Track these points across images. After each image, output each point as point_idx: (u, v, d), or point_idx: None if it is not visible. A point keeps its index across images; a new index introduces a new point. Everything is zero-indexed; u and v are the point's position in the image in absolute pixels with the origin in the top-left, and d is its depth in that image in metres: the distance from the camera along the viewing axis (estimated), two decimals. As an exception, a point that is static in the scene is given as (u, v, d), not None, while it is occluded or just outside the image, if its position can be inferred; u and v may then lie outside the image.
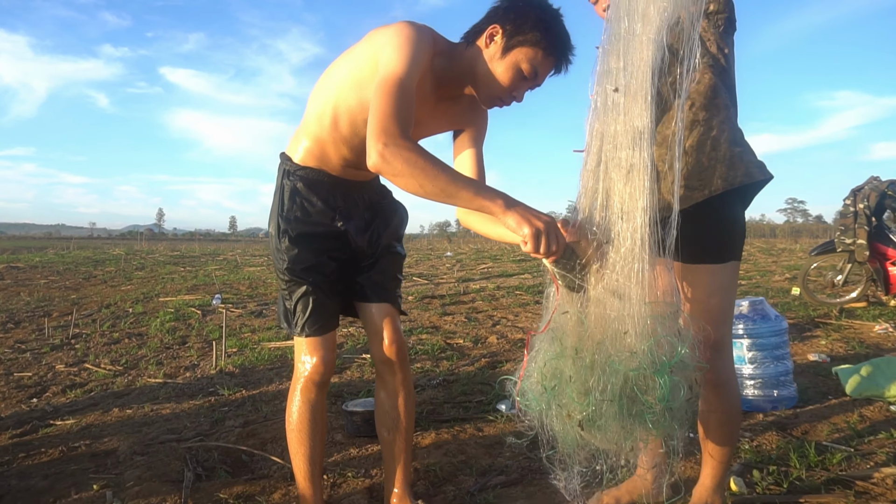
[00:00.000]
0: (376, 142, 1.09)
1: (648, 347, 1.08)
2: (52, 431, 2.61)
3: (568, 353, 1.17)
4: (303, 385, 1.44)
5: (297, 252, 1.43)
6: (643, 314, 1.11)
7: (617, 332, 1.13)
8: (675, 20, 1.20)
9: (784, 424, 2.21)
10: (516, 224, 1.06)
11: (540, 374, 1.21)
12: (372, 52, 1.27)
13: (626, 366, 1.08)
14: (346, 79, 1.34)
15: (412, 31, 1.25)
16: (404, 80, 1.17)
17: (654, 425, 1.04)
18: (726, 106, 1.42)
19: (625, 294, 1.13)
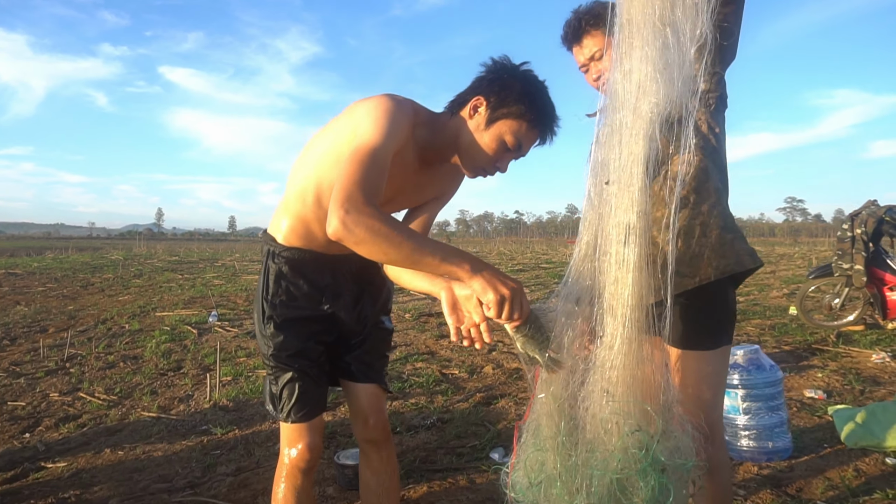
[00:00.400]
0: (339, 209, 1.06)
1: (635, 447, 1.07)
2: (42, 476, 2.59)
3: (548, 446, 1.16)
4: (288, 472, 1.43)
5: (283, 338, 1.41)
6: (630, 412, 1.10)
7: (603, 430, 1.12)
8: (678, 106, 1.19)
9: (778, 480, 2.20)
10: (482, 289, 1.07)
11: (525, 468, 1.19)
12: (352, 126, 1.25)
13: (611, 467, 1.07)
14: (327, 154, 1.32)
15: (391, 105, 1.23)
16: (377, 151, 1.15)
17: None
18: (717, 189, 1.40)
19: (610, 391, 1.12)
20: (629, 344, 1.06)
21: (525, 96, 1.25)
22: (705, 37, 1.15)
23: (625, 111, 1.17)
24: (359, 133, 1.19)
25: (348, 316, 1.50)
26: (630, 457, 1.01)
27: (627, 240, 1.12)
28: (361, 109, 1.25)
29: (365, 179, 1.10)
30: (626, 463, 1.01)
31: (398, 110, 1.23)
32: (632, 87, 1.16)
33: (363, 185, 1.09)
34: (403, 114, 1.24)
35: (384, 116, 1.20)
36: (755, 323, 5.53)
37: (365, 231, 1.05)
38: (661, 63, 1.14)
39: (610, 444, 1.04)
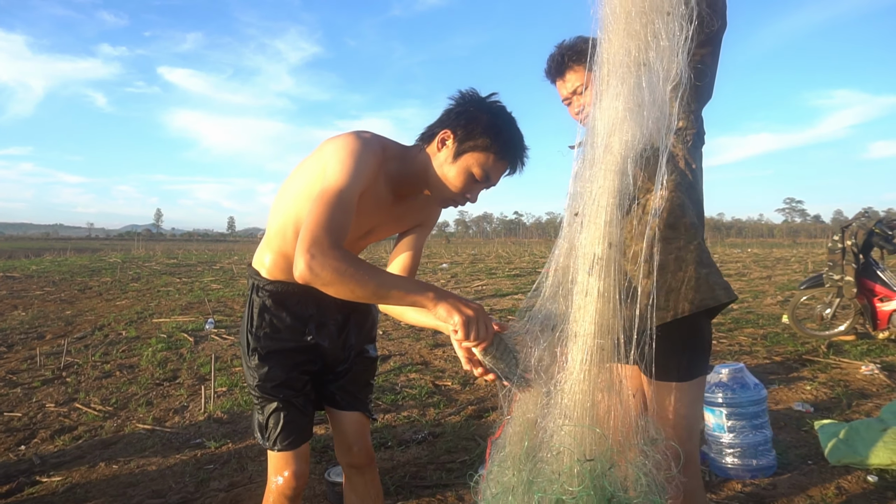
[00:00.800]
0: (304, 253, 1.09)
1: (582, 468, 1.10)
2: (37, 491, 2.62)
3: (509, 463, 1.20)
4: (275, 498, 1.46)
5: (267, 370, 1.45)
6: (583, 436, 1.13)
7: (548, 447, 1.15)
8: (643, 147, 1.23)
9: (761, 497, 2.24)
10: (447, 314, 1.12)
11: (489, 481, 1.23)
12: (321, 165, 1.28)
13: (554, 489, 1.10)
14: (301, 192, 1.35)
15: (357, 144, 1.26)
16: (343, 192, 1.18)
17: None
18: (693, 224, 1.44)
19: (561, 409, 1.16)
20: (588, 370, 1.10)
21: (491, 129, 1.28)
22: (680, 77, 1.19)
23: (598, 146, 1.20)
24: (326, 174, 1.23)
25: (332, 344, 1.53)
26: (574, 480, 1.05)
27: (592, 270, 1.16)
28: (329, 149, 1.28)
29: (330, 222, 1.13)
30: (567, 487, 1.05)
31: (364, 150, 1.26)
32: (605, 124, 1.20)
33: (328, 229, 1.12)
34: (370, 152, 1.27)
35: (350, 157, 1.23)
36: (748, 332, 5.57)
37: (331, 273, 1.09)
38: (634, 102, 1.18)
39: (558, 465, 1.07)
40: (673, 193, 1.43)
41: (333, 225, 1.13)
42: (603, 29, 1.20)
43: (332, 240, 1.11)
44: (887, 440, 2.41)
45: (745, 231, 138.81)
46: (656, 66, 1.18)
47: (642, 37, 1.18)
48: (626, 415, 1.18)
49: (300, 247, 1.10)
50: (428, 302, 1.13)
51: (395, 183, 1.39)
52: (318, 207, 1.15)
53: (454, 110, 1.32)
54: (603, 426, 1.13)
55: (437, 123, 1.34)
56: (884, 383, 3.74)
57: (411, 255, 1.49)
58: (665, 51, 1.18)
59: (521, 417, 1.19)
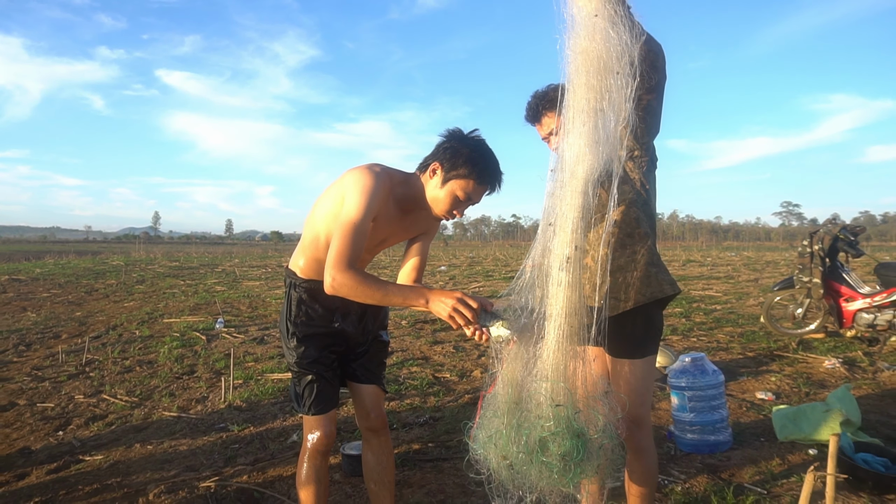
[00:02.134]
0: (328, 274, 1.54)
1: (556, 411, 1.46)
2: (83, 468, 2.96)
3: (500, 411, 1.55)
4: (309, 454, 1.82)
5: (304, 349, 1.81)
6: (555, 387, 1.49)
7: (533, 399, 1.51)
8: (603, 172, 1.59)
9: (716, 467, 2.60)
10: (438, 310, 1.51)
11: (483, 426, 1.59)
12: (341, 194, 1.67)
13: (536, 429, 1.46)
14: (327, 214, 1.73)
15: (370, 181, 1.64)
16: (357, 225, 1.58)
17: (559, 474, 1.41)
18: (646, 234, 1.80)
19: (541, 373, 1.52)
20: (559, 342, 1.46)
21: (471, 160, 1.66)
22: (628, 120, 1.56)
23: (566, 173, 1.56)
24: (346, 205, 1.62)
25: (354, 330, 1.89)
26: (550, 421, 1.41)
27: (563, 266, 1.52)
28: (349, 181, 1.66)
29: (348, 250, 1.56)
30: (545, 426, 1.41)
31: (375, 184, 1.64)
32: (571, 156, 1.56)
33: (347, 255, 1.55)
34: (380, 185, 1.65)
35: (363, 194, 1.61)
36: (727, 330, 5.94)
37: (348, 288, 1.53)
38: (592, 140, 1.54)
39: (539, 412, 1.43)
40: (630, 209, 1.79)
41: (350, 252, 1.55)
42: (569, 82, 1.56)
43: (348, 263, 1.54)
44: (828, 420, 2.77)
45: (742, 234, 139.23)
46: (609, 113, 1.55)
47: (598, 90, 1.55)
48: (587, 375, 1.55)
49: (327, 268, 1.54)
50: (421, 304, 1.52)
51: (401, 202, 1.77)
52: (339, 237, 1.56)
53: (442, 145, 1.70)
54: (571, 383, 1.49)
55: (430, 156, 1.72)
56: (843, 375, 4.10)
57: (419, 257, 1.87)
58: (615, 101, 1.54)
59: (508, 377, 1.55)
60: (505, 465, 1.50)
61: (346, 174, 1.70)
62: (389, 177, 1.71)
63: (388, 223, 1.77)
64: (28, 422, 3.78)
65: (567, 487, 1.54)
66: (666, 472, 2.58)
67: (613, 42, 1.50)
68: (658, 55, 1.67)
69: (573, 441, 1.43)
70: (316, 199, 1.83)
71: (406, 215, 1.82)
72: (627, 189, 1.79)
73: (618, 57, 1.49)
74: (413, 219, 1.85)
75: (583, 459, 1.45)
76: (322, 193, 1.81)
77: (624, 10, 1.53)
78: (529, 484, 1.50)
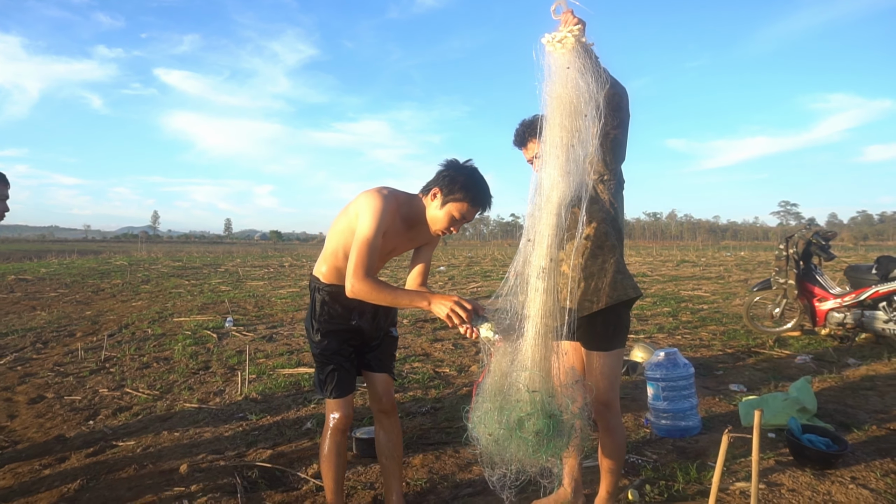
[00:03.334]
0: (348, 281, 1.90)
1: (531, 396, 1.78)
2: (118, 452, 3.28)
3: (487, 397, 1.88)
4: (331, 432, 2.15)
5: (326, 343, 2.14)
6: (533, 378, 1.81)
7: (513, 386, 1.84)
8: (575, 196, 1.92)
9: (684, 449, 2.94)
10: (438, 311, 1.85)
11: (475, 409, 1.91)
12: (356, 213, 2.01)
13: (515, 410, 1.79)
14: (345, 229, 2.07)
15: (380, 202, 1.97)
16: (370, 241, 1.92)
17: (533, 448, 1.74)
18: (613, 246, 2.13)
19: (521, 364, 1.84)
20: (536, 338, 1.78)
21: (465, 186, 1.99)
22: (596, 152, 1.89)
23: (543, 197, 1.89)
24: (360, 224, 1.96)
25: (369, 326, 2.22)
26: (526, 404, 1.74)
27: (540, 275, 1.85)
28: (362, 202, 2.00)
29: (364, 261, 1.90)
30: (523, 408, 1.73)
31: (384, 206, 1.97)
32: (547, 183, 1.89)
33: (362, 266, 1.90)
34: (388, 207, 1.99)
35: (374, 215, 1.95)
36: (710, 329, 6.28)
37: (365, 293, 1.89)
38: (564, 171, 1.86)
39: (518, 396, 1.76)
40: (600, 225, 2.12)
41: (365, 263, 1.90)
42: (546, 122, 1.88)
43: (364, 272, 1.89)
44: (786, 408, 3.11)
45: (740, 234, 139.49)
46: (578, 149, 1.88)
47: (570, 129, 1.87)
48: (560, 366, 1.88)
49: (347, 276, 1.89)
50: (425, 306, 1.86)
51: (406, 219, 2.10)
52: (356, 251, 1.91)
53: (442, 173, 2.04)
54: (546, 373, 1.82)
55: (432, 182, 2.06)
56: (811, 370, 4.45)
57: (423, 263, 2.21)
58: (584, 138, 1.87)
59: (496, 368, 1.87)
60: (491, 440, 1.83)
61: (360, 196, 2.03)
62: (395, 198, 2.04)
63: (395, 236, 2.10)
64: (59, 413, 4.10)
65: (542, 460, 1.87)
66: (640, 452, 2.92)
67: (582, 90, 1.83)
68: (622, 97, 1.99)
69: (545, 420, 1.76)
70: (336, 215, 2.16)
71: (410, 229, 2.15)
72: (597, 208, 2.12)
73: (586, 102, 1.82)
74: (416, 232, 2.18)
75: (554, 436, 1.78)
76: (341, 211, 2.14)
77: (592, 62, 1.85)
78: (510, 456, 1.83)
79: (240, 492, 2.59)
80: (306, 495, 2.58)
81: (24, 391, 4.69)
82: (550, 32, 1.85)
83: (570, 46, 1.78)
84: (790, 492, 2.43)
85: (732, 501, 2.39)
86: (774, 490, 2.45)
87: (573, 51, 1.79)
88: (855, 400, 3.69)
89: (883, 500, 2.33)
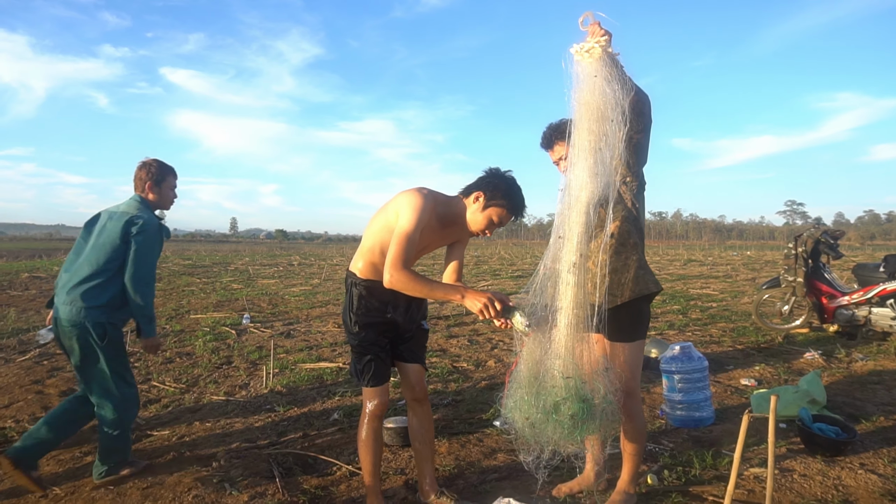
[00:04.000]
0: (387, 271, 2.04)
1: (566, 382, 1.92)
2: (154, 441, 3.43)
3: (522, 383, 2.01)
4: (368, 417, 2.29)
5: (364, 335, 2.28)
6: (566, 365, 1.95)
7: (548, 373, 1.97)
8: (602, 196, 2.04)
9: (699, 438, 3.06)
10: (471, 306, 2.00)
11: (509, 395, 2.05)
12: (396, 211, 2.15)
13: (551, 395, 1.92)
14: (383, 227, 2.22)
15: (420, 200, 2.12)
16: (410, 235, 2.06)
17: (569, 430, 1.87)
18: (635, 244, 2.26)
19: (555, 353, 1.98)
20: (568, 328, 1.92)
21: (506, 194, 2.16)
22: (621, 155, 2.02)
23: (573, 196, 2.02)
24: (400, 220, 2.10)
25: (403, 319, 2.36)
26: (562, 389, 1.87)
27: (570, 269, 1.98)
28: (402, 200, 2.14)
29: (402, 254, 2.04)
30: (558, 393, 1.87)
31: (423, 204, 2.12)
32: (576, 184, 2.02)
33: (401, 258, 2.03)
34: (427, 205, 2.13)
35: (414, 212, 2.09)
36: (720, 326, 6.39)
37: (402, 284, 2.02)
38: (592, 172, 1.99)
39: (553, 382, 1.90)
40: (623, 224, 2.25)
41: (404, 256, 2.04)
42: (574, 126, 2.01)
43: (403, 264, 2.03)
44: (797, 399, 3.23)
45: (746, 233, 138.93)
46: (605, 151, 2.01)
47: (597, 133, 2.00)
48: (591, 354, 2.01)
49: (386, 268, 2.03)
50: (458, 299, 2.01)
51: (441, 218, 2.24)
52: (395, 244, 2.04)
53: (485, 179, 2.19)
54: (577, 360, 1.95)
55: (474, 185, 2.20)
56: (820, 365, 4.56)
57: (458, 260, 2.36)
58: (611, 142, 2.00)
59: (528, 357, 2.01)
60: (528, 424, 1.97)
61: (400, 195, 2.16)
62: (434, 199, 2.19)
63: (430, 234, 2.24)
64: (91, 404, 4.25)
65: (576, 442, 2.01)
66: (658, 441, 3.05)
67: (608, 96, 1.96)
68: (645, 103, 2.12)
69: (579, 405, 1.89)
70: (373, 215, 2.30)
71: (444, 228, 2.29)
72: (621, 208, 2.25)
73: (612, 108, 1.96)
74: (449, 231, 2.32)
75: (587, 419, 1.91)
76: (378, 210, 2.27)
77: (618, 69, 1.98)
78: (546, 439, 1.97)
79: (277, 476, 2.74)
80: (341, 480, 2.72)
81: (53, 384, 4.84)
82: (578, 43, 1.98)
83: (597, 56, 1.91)
84: (802, 476, 2.56)
85: (748, 485, 2.51)
86: (787, 475, 2.58)
87: (600, 60, 1.92)
88: (863, 393, 3.81)
89: (891, 485, 2.45)
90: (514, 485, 2.59)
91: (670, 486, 2.53)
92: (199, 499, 2.57)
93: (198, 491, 2.64)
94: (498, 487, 2.57)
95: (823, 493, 2.42)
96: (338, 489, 2.64)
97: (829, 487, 2.47)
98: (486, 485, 2.61)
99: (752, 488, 2.48)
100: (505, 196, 2.16)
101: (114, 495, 2.68)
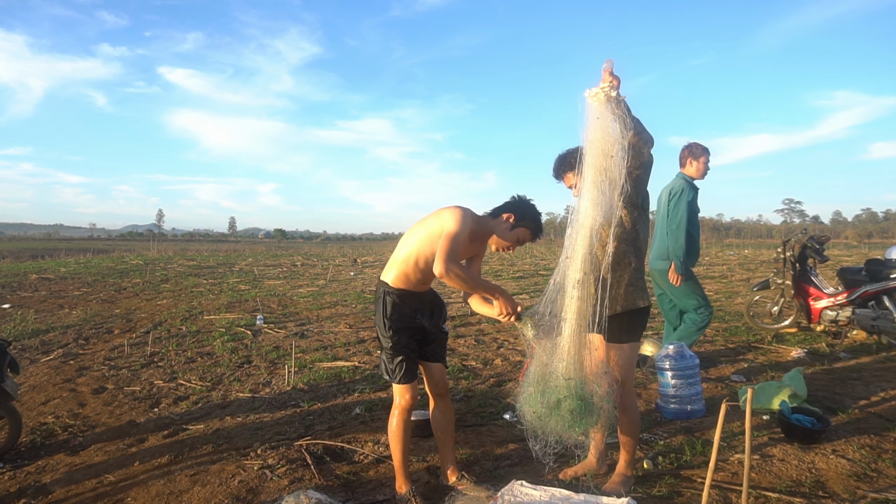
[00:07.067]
0: (439, 262, 2.32)
1: (567, 383, 2.23)
2: (191, 434, 3.73)
3: (532, 381, 2.32)
4: (398, 411, 2.60)
5: (398, 338, 2.58)
6: (568, 368, 2.26)
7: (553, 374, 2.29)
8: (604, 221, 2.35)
9: (690, 429, 3.38)
10: (501, 306, 2.36)
11: (521, 391, 2.36)
12: (440, 223, 2.45)
13: (554, 393, 2.24)
14: (424, 238, 2.51)
15: (463, 212, 2.44)
16: (457, 235, 2.36)
17: (568, 423, 2.19)
18: (630, 263, 2.57)
19: (559, 357, 2.29)
20: (572, 336, 2.24)
21: (533, 219, 2.54)
22: (622, 188, 2.33)
23: (579, 223, 2.33)
24: (447, 225, 2.41)
25: (429, 324, 2.67)
26: (563, 389, 2.19)
27: (575, 285, 2.29)
28: (447, 215, 2.45)
29: (451, 250, 2.34)
30: (560, 392, 2.18)
31: (465, 218, 2.44)
32: (583, 212, 2.33)
33: (451, 252, 2.33)
34: (468, 219, 2.45)
35: (461, 220, 2.41)
36: (714, 326, 6.71)
37: (454, 273, 2.31)
38: (596, 202, 2.30)
39: (556, 382, 2.21)
40: (621, 245, 2.55)
41: (454, 251, 2.34)
42: (583, 161, 2.31)
43: (453, 258, 2.33)
44: (780, 394, 3.55)
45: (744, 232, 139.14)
46: (606, 184, 2.31)
47: (599, 167, 2.31)
48: (592, 359, 2.33)
49: (438, 258, 2.32)
50: (492, 296, 2.36)
51: (472, 233, 2.56)
52: (444, 242, 2.35)
53: (515, 203, 2.58)
54: (579, 363, 2.27)
55: (505, 207, 2.58)
56: (806, 363, 4.88)
57: (479, 262, 2.73)
58: (612, 176, 2.31)
59: (538, 359, 2.32)
60: (535, 417, 2.28)
61: (444, 211, 2.49)
62: (472, 217, 2.54)
63: (464, 245, 2.57)
64: (124, 402, 4.54)
65: (576, 434, 2.32)
66: (653, 432, 3.37)
67: (609, 136, 2.28)
68: (645, 143, 2.42)
69: (578, 402, 2.21)
70: (412, 226, 2.61)
71: (471, 242, 2.63)
72: (620, 231, 2.56)
73: (612, 145, 2.27)
74: (474, 245, 2.68)
75: (585, 415, 2.23)
76: (415, 224, 2.59)
77: (622, 111, 2.28)
78: (550, 430, 2.28)
79: (311, 463, 3.05)
80: (369, 466, 3.04)
81: (84, 382, 5.13)
82: (590, 88, 2.28)
83: (601, 100, 2.22)
84: (780, 461, 2.88)
85: (732, 468, 2.83)
86: (767, 460, 2.90)
87: (604, 104, 2.23)
88: (843, 388, 4.13)
89: (857, 468, 2.78)
90: (525, 470, 2.90)
91: (664, 469, 2.85)
92: (244, 483, 2.88)
93: (241, 477, 2.95)
94: (511, 472, 2.88)
95: (798, 475, 2.74)
96: (367, 474, 2.95)
97: (804, 470, 2.79)
98: (500, 470, 2.92)
99: (735, 471, 2.80)
100: (532, 220, 2.58)
101: (165, 481, 2.99)
